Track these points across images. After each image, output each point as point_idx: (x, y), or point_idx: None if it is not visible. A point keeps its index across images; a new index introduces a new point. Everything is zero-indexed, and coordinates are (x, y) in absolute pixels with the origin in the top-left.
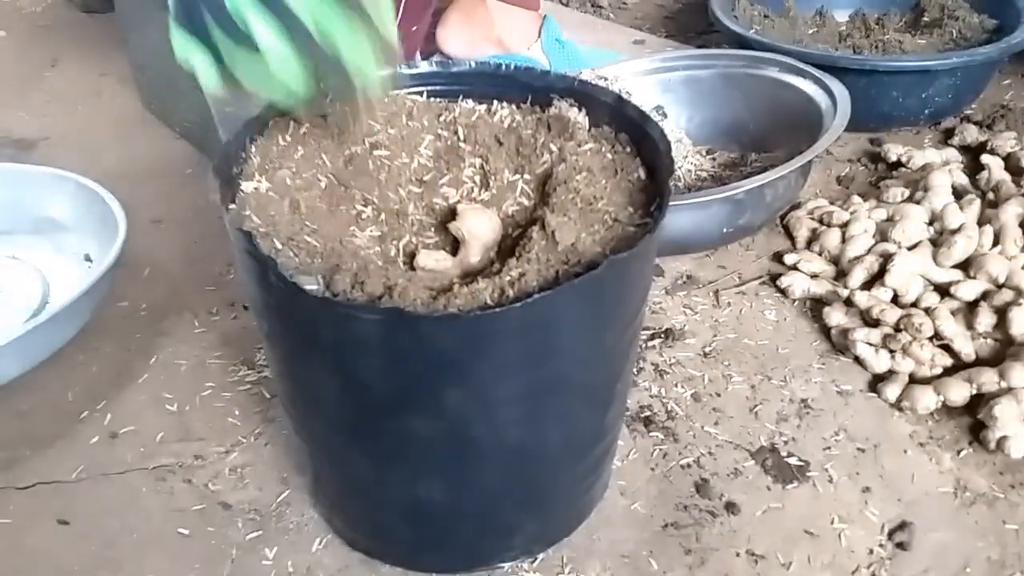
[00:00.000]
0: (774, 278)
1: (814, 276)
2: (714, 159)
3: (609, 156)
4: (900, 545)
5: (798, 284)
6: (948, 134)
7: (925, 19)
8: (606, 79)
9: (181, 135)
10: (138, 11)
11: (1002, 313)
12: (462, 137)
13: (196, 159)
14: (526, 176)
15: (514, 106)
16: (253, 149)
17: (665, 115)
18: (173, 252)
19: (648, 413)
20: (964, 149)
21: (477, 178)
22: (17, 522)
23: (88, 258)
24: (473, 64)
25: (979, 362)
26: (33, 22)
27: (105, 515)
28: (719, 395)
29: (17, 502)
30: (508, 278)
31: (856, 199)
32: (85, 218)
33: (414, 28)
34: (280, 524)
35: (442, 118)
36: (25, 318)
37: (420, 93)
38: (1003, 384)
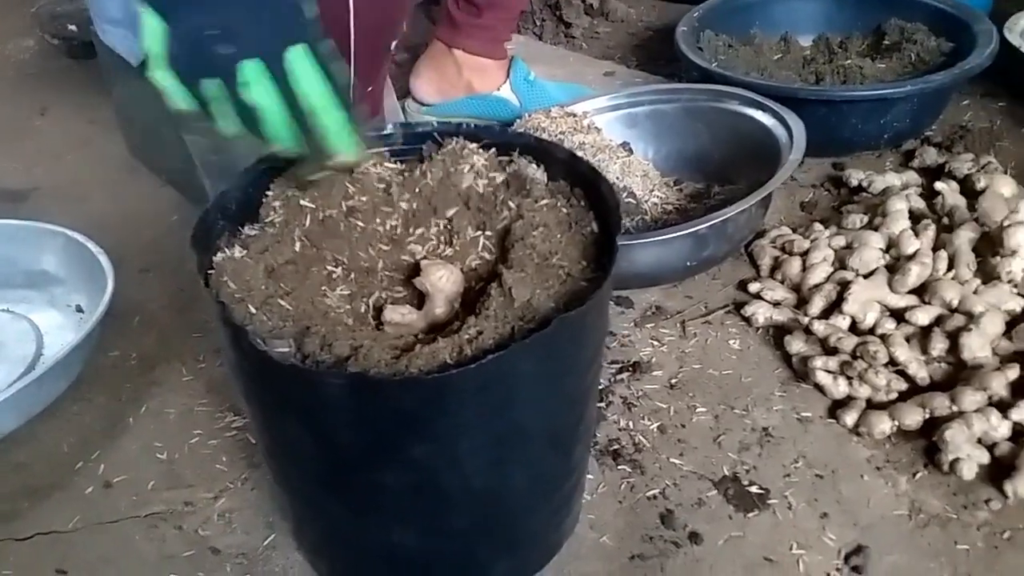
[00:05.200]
0: (739, 307)
1: (776, 304)
2: (681, 190)
3: (564, 211)
4: (856, 569)
5: (761, 312)
6: (909, 156)
7: (886, 42)
8: (575, 115)
9: (167, 181)
10: (120, 60)
11: (955, 337)
12: (427, 196)
13: (182, 206)
14: (487, 232)
15: (476, 163)
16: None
17: (631, 151)
18: (161, 300)
19: (616, 446)
20: (924, 171)
21: (442, 235)
22: (17, 573)
23: (80, 309)
24: (435, 123)
25: (934, 385)
26: (21, 70)
27: (101, 564)
28: (684, 426)
29: (17, 553)
30: (467, 336)
31: (817, 226)
32: (75, 270)
33: (368, 89)
34: (267, 568)
35: (408, 177)
36: (20, 371)
37: (384, 152)
38: (954, 408)
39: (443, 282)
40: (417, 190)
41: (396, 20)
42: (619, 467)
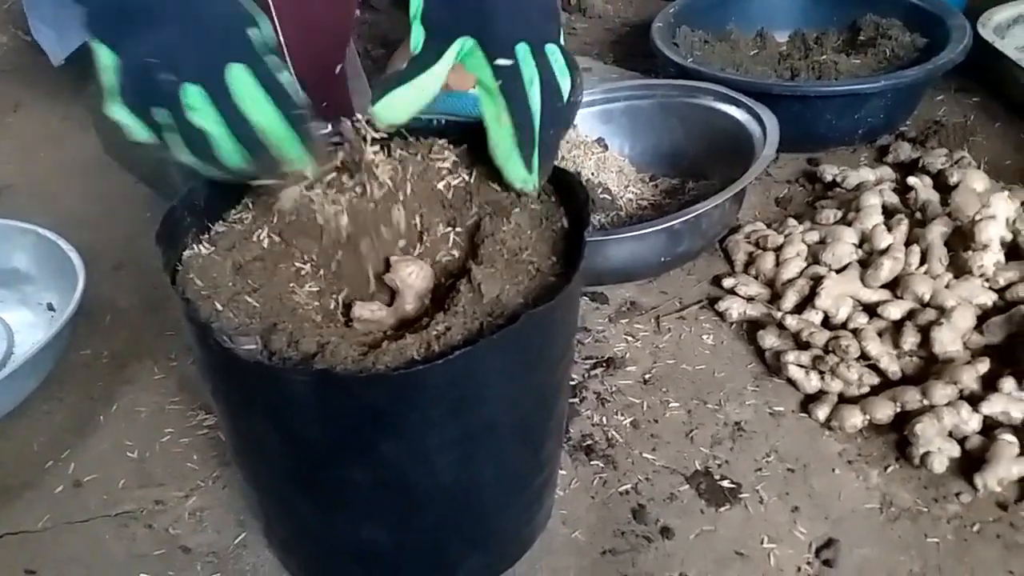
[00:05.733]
0: (713, 302)
1: (750, 299)
2: (656, 186)
3: (535, 206)
4: (826, 563)
5: (735, 308)
6: (883, 151)
7: (861, 38)
8: None
9: (141, 179)
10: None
11: (926, 332)
12: (399, 191)
13: (155, 204)
14: (458, 229)
15: (448, 157)
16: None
17: (606, 147)
18: (134, 298)
19: (590, 442)
20: (898, 166)
21: (412, 232)
22: None
23: (51, 307)
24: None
25: (906, 380)
26: None
27: (71, 563)
28: (657, 421)
29: None
30: (435, 332)
31: (791, 221)
32: (47, 268)
33: (323, 104)
34: (237, 566)
35: (379, 172)
36: None
37: None
38: (925, 402)
39: (413, 278)
40: (385, 183)
41: (333, 46)
42: (592, 462)
